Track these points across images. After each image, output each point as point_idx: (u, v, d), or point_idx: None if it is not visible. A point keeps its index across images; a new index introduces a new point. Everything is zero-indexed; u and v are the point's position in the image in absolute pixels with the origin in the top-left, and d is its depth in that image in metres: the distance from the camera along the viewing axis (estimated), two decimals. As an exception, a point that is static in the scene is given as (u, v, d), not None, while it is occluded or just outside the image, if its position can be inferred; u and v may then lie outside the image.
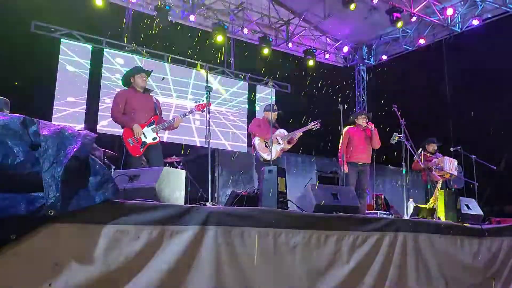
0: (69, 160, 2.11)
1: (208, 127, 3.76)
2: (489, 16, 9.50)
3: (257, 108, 10.66)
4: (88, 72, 8.53)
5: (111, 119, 4.93)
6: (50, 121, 7.50)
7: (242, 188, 10.56)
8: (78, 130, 2.38)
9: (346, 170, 6.23)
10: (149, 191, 3.10)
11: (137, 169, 3.37)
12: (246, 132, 10.14)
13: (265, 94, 10.79)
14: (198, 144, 9.52)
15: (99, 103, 8.51)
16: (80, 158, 2.19)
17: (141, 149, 4.68)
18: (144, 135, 4.71)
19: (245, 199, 3.22)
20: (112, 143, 7.61)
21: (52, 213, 1.99)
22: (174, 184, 3.19)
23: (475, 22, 9.52)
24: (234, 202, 3.22)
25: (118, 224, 2.25)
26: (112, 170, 6.73)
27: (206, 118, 3.84)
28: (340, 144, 6.24)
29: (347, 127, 6.46)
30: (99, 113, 8.46)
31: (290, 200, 3.06)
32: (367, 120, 6.51)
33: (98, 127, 8.40)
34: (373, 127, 6.40)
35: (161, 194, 3.09)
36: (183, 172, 3.25)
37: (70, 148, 2.19)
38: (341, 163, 6.17)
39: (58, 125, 2.32)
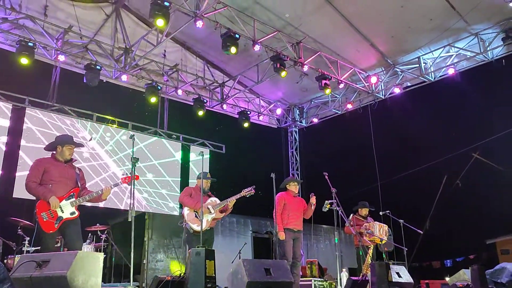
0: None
1: (132, 201, 3.51)
2: (409, 84, 10.30)
3: (190, 169, 10.44)
4: (7, 131, 7.91)
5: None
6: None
7: (173, 253, 10.05)
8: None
9: (283, 237, 6.11)
10: (60, 281, 2.77)
11: (47, 254, 3.02)
12: (178, 194, 9.81)
13: (198, 155, 10.64)
14: (125, 207, 9.01)
15: (17, 166, 7.85)
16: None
17: (56, 225, 4.23)
18: (61, 209, 4.28)
19: (169, 286, 2.95)
20: (30, 210, 6.95)
21: None
22: (89, 270, 2.89)
23: (397, 90, 10.27)
24: (157, 289, 2.94)
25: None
26: (26, 242, 6.11)
27: (131, 190, 3.59)
28: (275, 210, 6.17)
29: (279, 193, 6.43)
30: (16, 177, 7.77)
31: (218, 287, 2.85)
32: (298, 186, 6.58)
33: (14, 191, 7.69)
34: (314, 202, 6.40)
35: (74, 283, 2.77)
36: (100, 256, 2.97)
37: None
38: (279, 229, 6.11)
39: None
